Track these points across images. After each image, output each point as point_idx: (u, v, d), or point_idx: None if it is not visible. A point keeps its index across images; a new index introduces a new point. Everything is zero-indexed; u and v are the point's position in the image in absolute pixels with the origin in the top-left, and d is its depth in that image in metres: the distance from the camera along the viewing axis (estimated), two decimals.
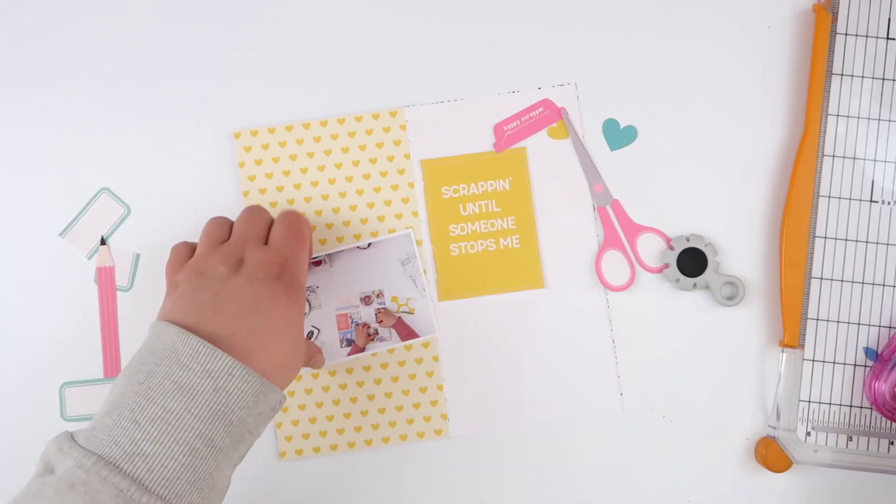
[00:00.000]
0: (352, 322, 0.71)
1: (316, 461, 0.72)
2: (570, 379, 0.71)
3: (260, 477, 0.71)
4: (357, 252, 0.72)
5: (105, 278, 0.72)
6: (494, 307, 0.72)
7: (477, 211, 0.72)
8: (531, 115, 0.72)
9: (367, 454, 0.72)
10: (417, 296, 0.72)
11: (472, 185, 0.72)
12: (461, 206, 0.72)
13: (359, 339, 0.71)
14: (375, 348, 0.71)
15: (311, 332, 0.71)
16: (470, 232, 0.72)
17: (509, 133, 0.72)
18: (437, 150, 0.72)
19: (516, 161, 0.72)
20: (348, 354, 0.71)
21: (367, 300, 0.72)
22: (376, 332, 0.72)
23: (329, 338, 0.72)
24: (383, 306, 0.72)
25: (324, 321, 0.72)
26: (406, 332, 0.72)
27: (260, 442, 0.71)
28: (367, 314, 0.72)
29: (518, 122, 0.72)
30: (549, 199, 0.72)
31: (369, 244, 0.72)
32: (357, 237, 0.72)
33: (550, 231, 0.72)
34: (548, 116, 0.72)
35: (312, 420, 0.71)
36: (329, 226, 0.72)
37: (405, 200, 0.72)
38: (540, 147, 0.72)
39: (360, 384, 0.72)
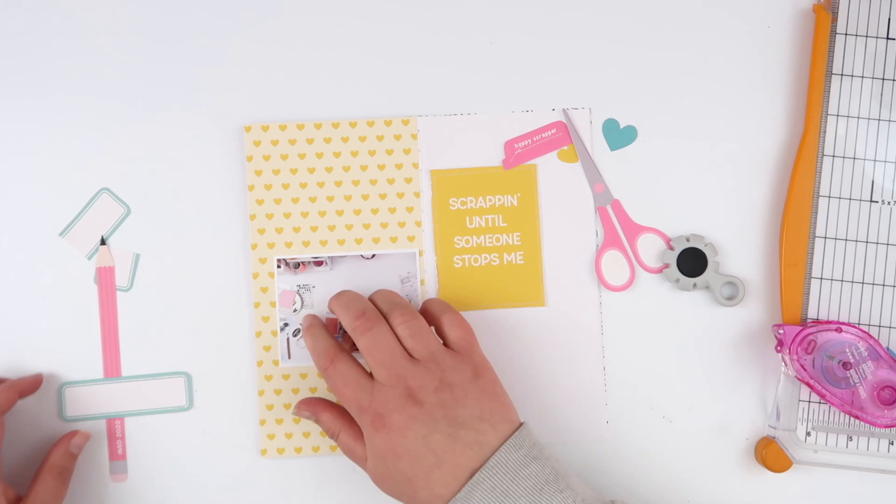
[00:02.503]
0: (340, 329, 0.71)
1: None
2: (562, 397, 0.71)
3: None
4: (360, 261, 0.72)
5: (105, 278, 0.72)
6: (494, 321, 0.72)
7: (483, 224, 0.72)
8: (543, 135, 0.72)
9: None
10: None
11: (481, 198, 0.72)
12: (468, 218, 0.72)
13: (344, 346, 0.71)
14: (358, 359, 0.71)
15: (297, 331, 0.71)
16: (475, 245, 0.72)
17: (519, 151, 0.72)
18: (445, 161, 0.72)
19: (526, 178, 0.72)
20: None
21: None
22: None
23: None
24: None
25: None
26: None
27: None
28: None
29: (529, 140, 0.72)
30: (554, 216, 0.72)
31: (373, 255, 0.72)
32: (358, 241, 0.72)
33: (552, 236, 0.72)
34: (559, 139, 0.72)
35: (297, 420, 0.71)
36: (331, 227, 0.72)
37: (409, 209, 0.72)
38: (549, 168, 0.72)
39: None
